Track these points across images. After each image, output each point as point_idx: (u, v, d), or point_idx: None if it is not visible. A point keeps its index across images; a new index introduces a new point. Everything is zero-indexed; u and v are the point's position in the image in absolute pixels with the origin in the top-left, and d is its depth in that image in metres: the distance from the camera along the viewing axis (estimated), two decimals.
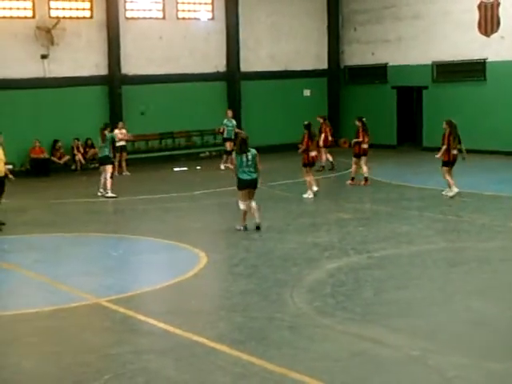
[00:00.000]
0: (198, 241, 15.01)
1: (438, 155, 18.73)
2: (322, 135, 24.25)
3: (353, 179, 21.56)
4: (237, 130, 26.26)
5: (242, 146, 15.45)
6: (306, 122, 19.48)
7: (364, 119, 21.68)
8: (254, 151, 15.47)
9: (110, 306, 10.87)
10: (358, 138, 21.53)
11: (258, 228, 15.59)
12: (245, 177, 15.43)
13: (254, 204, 15.64)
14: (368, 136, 21.62)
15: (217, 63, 30.98)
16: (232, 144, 24.15)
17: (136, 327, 10.05)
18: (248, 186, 15.50)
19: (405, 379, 8.07)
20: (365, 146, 21.50)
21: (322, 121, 24.94)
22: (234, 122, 26.75)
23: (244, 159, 15.38)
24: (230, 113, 27.03)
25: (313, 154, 19.38)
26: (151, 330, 9.88)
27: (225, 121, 26.51)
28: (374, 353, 8.77)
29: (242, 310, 10.55)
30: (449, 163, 18.59)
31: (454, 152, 18.54)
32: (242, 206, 15.72)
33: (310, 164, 19.44)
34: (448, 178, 18.51)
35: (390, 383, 8.01)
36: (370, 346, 9.00)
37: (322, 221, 16.81)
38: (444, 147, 18.52)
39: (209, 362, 8.58)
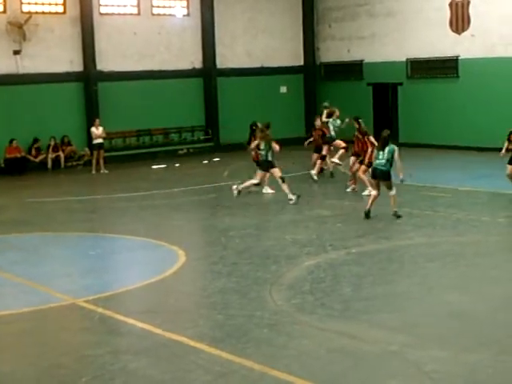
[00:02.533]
0: (176, 239, 14.99)
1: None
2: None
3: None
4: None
5: (384, 143, 16.14)
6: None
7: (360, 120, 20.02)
8: (392, 146, 16.12)
9: (88, 306, 10.81)
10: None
11: (396, 216, 16.00)
12: (379, 168, 16.06)
13: (392, 192, 16.12)
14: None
15: (193, 59, 30.93)
16: (328, 148, 22.29)
17: (115, 327, 10.00)
18: (379, 177, 16.16)
19: (384, 374, 8.10)
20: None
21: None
22: (339, 121, 23.87)
23: (381, 154, 16.07)
24: (337, 112, 24.21)
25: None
26: (130, 329, 9.84)
27: (331, 120, 23.68)
28: (353, 348, 8.80)
29: (222, 308, 10.53)
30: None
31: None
32: (372, 192, 16.88)
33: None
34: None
35: (368, 378, 8.04)
36: (349, 341, 9.02)
37: (300, 218, 16.82)
38: None
39: (189, 361, 8.57)
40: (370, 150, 18.19)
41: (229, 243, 14.62)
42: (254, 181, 18.77)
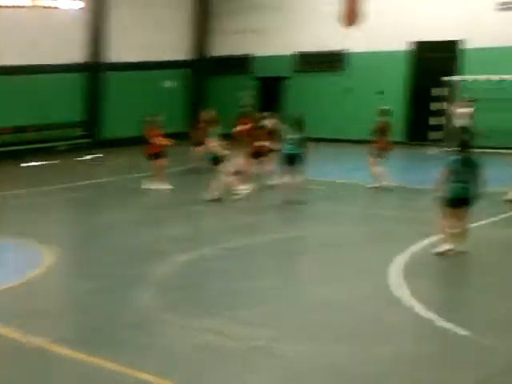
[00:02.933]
0: (47, 238, 14.34)
1: None
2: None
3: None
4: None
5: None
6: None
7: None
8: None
9: None
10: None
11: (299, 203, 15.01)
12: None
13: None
14: None
15: (80, 53, 30.24)
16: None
17: None
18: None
19: (249, 370, 8.05)
20: None
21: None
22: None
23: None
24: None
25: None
26: None
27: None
28: (218, 345, 8.68)
29: (86, 309, 10.22)
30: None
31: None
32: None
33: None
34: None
35: (233, 375, 7.94)
36: (214, 338, 8.89)
37: (176, 213, 16.67)
38: None
39: (51, 365, 8.31)
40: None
41: (100, 241, 14.29)
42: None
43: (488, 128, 23.87)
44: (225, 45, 32.83)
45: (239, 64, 32.29)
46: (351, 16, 28.45)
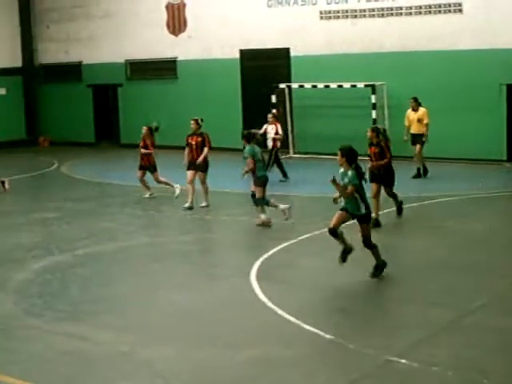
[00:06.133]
0: None
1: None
2: None
3: None
4: None
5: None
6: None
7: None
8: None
9: None
10: None
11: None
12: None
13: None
14: None
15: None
16: None
17: None
18: None
19: (114, 375, 8.25)
20: None
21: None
22: None
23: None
24: None
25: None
26: None
27: None
28: (83, 351, 8.91)
29: None
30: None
31: None
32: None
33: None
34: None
35: (99, 380, 8.18)
36: (79, 344, 9.13)
37: (23, 221, 16.61)
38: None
39: None
40: None
41: None
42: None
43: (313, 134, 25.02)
44: (52, 52, 32.35)
45: (69, 71, 31.97)
46: (179, 23, 28.73)
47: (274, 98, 25.07)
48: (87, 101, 31.41)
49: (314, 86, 24.65)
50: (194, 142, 17.07)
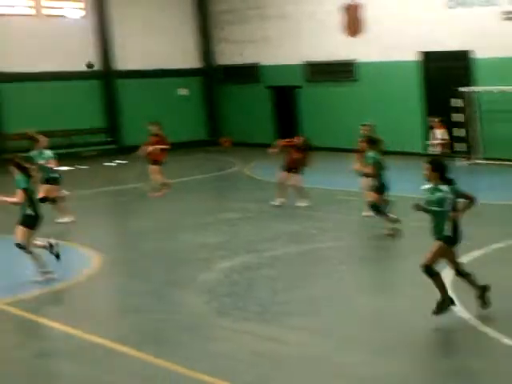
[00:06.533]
0: (90, 241, 14.84)
1: None
2: None
3: None
4: None
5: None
6: None
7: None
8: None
9: (4, 308, 10.77)
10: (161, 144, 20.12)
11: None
12: None
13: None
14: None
15: (90, 61, 30.59)
16: None
17: (36, 330, 10.06)
18: None
19: (305, 377, 8.21)
20: None
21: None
22: None
23: None
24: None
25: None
26: (51, 332, 9.92)
27: None
28: (273, 352, 8.93)
29: (140, 311, 10.64)
30: None
31: None
32: None
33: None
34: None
35: (292, 381, 8.19)
36: (269, 345, 9.17)
37: (210, 220, 16.85)
38: None
39: (112, 364, 8.69)
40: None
41: (140, 246, 14.71)
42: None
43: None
44: (228, 54, 33.03)
45: (247, 73, 32.51)
46: (356, 25, 28.44)
47: (456, 102, 24.50)
48: (266, 102, 31.79)
49: (501, 90, 23.90)
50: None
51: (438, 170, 9.80)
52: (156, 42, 31.99)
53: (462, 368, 8.36)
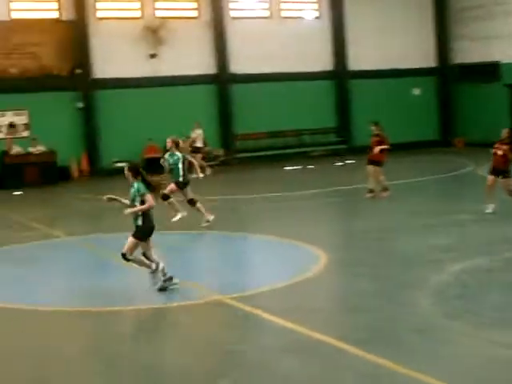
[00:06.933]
0: (314, 239, 14.82)
1: None
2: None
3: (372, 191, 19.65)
4: None
5: None
6: None
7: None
8: None
9: (232, 303, 10.86)
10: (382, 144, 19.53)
11: None
12: None
13: None
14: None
15: (323, 62, 30.90)
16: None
17: (259, 325, 10.04)
18: None
19: None
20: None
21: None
22: None
23: None
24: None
25: None
26: (274, 327, 9.84)
27: None
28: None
29: (365, 310, 10.37)
30: None
31: None
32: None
33: None
34: None
35: None
36: (507, 352, 8.55)
37: (437, 222, 16.35)
38: None
39: (334, 361, 8.49)
40: None
41: (366, 246, 14.50)
42: None
43: None
44: (467, 51, 32.07)
45: (485, 71, 31.39)
46: None
47: None
48: (504, 101, 30.54)
49: None
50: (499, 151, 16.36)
51: None
52: (391, 41, 31.73)
53: None
